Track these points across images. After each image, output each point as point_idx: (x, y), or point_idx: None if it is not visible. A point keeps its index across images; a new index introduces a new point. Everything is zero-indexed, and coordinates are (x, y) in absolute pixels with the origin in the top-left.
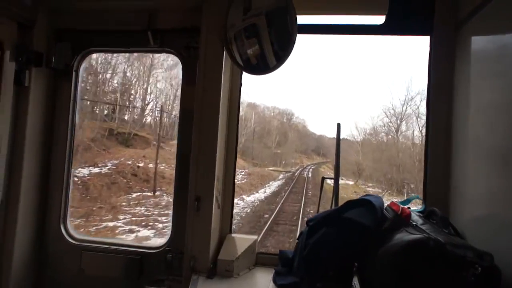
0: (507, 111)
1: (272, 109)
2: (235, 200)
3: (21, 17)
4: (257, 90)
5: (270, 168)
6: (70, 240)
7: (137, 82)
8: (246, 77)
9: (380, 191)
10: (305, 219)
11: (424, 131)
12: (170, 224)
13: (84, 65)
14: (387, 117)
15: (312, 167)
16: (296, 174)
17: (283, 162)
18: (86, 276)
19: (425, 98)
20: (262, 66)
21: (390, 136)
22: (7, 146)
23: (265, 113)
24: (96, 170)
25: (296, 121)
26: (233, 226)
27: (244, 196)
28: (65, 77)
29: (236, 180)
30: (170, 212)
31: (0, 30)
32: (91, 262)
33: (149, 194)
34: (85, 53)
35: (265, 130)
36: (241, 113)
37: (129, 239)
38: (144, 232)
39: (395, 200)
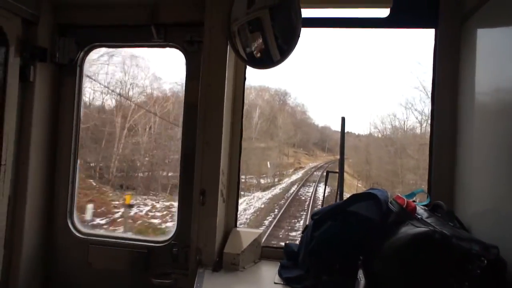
0: None
1: (259, 89)
2: None
3: (25, 13)
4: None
5: None
6: (77, 234)
7: None
8: None
9: None
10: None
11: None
12: (175, 218)
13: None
14: None
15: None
16: None
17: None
18: (93, 269)
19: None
20: (266, 60)
21: None
22: (14, 141)
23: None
24: None
25: (293, 104)
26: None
27: None
28: (70, 72)
29: None
30: None
31: (5, 26)
32: (99, 255)
33: None
34: (89, 48)
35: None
36: None
37: None
38: None
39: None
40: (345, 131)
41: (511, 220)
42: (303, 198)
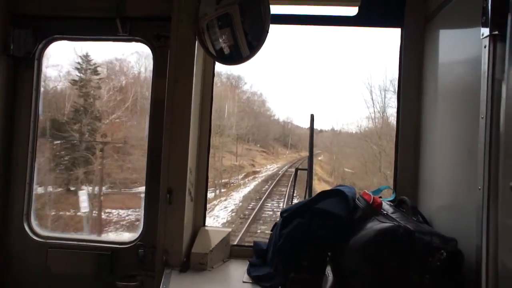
0: (471, 102)
1: None
2: None
3: None
4: None
5: None
6: (34, 237)
7: None
8: None
9: None
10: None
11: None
12: (141, 218)
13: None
14: None
15: None
16: None
17: None
18: (52, 274)
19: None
20: (235, 56)
21: None
22: None
23: None
24: None
25: (249, 93)
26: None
27: None
28: (27, 66)
29: None
30: None
31: None
32: (58, 259)
33: None
34: (48, 41)
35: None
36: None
37: None
38: None
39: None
40: (314, 127)
41: (469, 214)
42: None
